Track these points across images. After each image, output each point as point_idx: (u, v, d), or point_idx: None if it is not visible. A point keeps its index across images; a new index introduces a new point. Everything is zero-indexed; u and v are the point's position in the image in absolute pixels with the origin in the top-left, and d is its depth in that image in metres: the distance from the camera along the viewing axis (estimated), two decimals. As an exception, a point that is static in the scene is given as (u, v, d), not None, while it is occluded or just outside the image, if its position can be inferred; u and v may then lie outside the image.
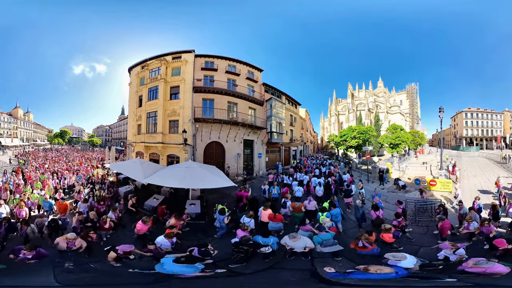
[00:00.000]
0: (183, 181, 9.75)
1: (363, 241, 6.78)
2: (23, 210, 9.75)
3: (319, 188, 12.51)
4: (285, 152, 29.39)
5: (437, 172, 20.79)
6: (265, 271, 6.13)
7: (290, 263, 6.48)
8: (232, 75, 21.11)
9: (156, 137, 18.48)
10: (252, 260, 6.32)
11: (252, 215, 7.99)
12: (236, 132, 19.32)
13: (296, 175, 16.41)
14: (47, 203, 10.94)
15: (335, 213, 8.78)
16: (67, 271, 5.86)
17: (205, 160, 17.95)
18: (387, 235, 7.36)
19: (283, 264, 6.47)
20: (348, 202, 11.51)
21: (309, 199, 9.88)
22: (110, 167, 18.13)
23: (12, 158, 34.91)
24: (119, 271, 5.88)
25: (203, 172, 10.33)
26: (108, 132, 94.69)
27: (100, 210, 9.69)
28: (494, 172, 21.86)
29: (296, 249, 6.36)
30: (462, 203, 9.80)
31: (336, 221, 8.67)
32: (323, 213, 8.68)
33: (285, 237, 6.69)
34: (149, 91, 19.75)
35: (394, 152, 40.25)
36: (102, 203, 10.22)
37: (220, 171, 12.15)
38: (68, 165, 27.40)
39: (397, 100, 70.43)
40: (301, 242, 6.37)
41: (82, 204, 10.05)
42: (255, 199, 10.15)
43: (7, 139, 57.63)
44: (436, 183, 15.50)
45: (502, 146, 57.52)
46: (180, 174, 10.20)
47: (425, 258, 6.58)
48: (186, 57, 19.33)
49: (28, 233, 7.73)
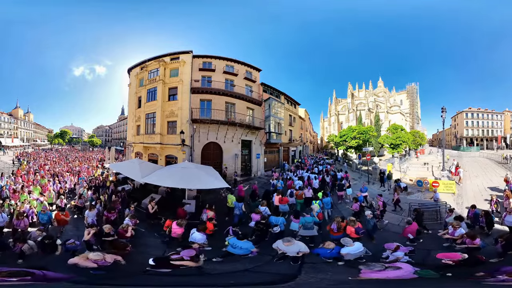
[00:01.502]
0: (179, 181, 9.88)
1: (335, 224, 7.83)
2: (22, 221, 8.39)
3: (315, 181, 14.69)
4: (284, 153, 29.19)
5: (439, 173, 20.47)
6: (240, 272, 6.08)
7: (274, 267, 6.38)
8: (230, 75, 21.08)
9: (155, 138, 18.62)
10: (231, 262, 6.64)
11: (265, 203, 9.72)
12: (233, 132, 19.29)
13: (298, 172, 18.90)
14: (44, 215, 9.05)
15: (326, 201, 10.58)
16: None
17: (203, 160, 17.96)
18: (349, 228, 7.61)
19: (263, 267, 6.37)
20: (340, 195, 13.40)
21: (308, 188, 12.24)
22: (109, 167, 18.55)
23: (14, 159, 33.19)
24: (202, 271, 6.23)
25: (198, 173, 10.41)
26: (108, 132, 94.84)
27: (111, 219, 8.96)
28: (495, 172, 21.74)
29: (289, 254, 6.23)
30: (452, 211, 9.28)
31: (327, 208, 10.56)
32: (316, 201, 10.32)
33: (279, 241, 6.50)
34: (148, 92, 19.87)
35: (394, 152, 40.12)
36: (112, 211, 9.29)
37: (216, 172, 12.16)
38: (68, 166, 27.03)
39: (397, 100, 70.29)
40: (294, 247, 6.18)
41: (90, 213, 9.18)
42: (268, 191, 12.29)
43: (8, 139, 57.79)
44: (439, 184, 14.79)
45: (503, 146, 57.45)
46: (176, 174, 10.35)
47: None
48: (184, 58, 19.35)
49: (24, 249, 6.52)
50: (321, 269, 6.23)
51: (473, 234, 6.92)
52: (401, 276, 5.36)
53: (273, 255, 6.78)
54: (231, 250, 6.77)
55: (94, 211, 9.32)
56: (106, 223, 8.49)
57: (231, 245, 6.83)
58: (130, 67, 23.67)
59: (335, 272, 6.01)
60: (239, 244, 6.74)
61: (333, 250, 6.41)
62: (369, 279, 5.52)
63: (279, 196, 10.77)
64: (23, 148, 55.27)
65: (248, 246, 6.74)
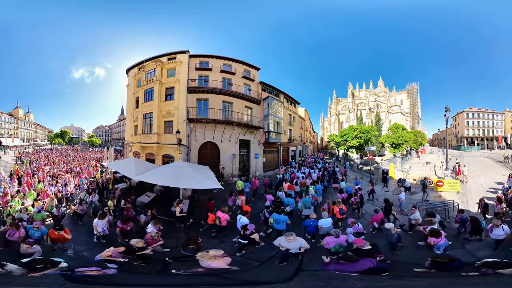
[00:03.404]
0: (170, 180, 9.81)
1: (326, 205, 9.95)
2: (17, 232, 7.01)
3: (314, 174, 17.87)
4: (283, 153, 28.72)
5: (441, 172, 20.44)
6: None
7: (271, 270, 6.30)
8: (228, 74, 20.83)
9: (152, 138, 18.59)
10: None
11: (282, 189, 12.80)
12: (231, 132, 19.05)
13: (302, 169, 21.17)
14: (36, 232, 7.19)
15: (318, 188, 13.39)
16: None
17: (200, 160, 17.79)
18: (336, 208, 9.49)
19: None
20: (335, 187, 15.49)
21: (308, 178, 15.54)
22: (107, 165, 18.96)
23: (17, 159, 31.99)
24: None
25: (191, 172, 10.29)
26: (107, 132, 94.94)
27: (126, 230, 8.13)
28: (497, 171, 21.73)
29: (292, 250, 6.23)
30: (415, 209, 9.14)
31: (319, 194, 13.13)
32: (312, 186, 13.36)
33: (280, 237, 6.61)
34: (145, 93, 19.92)
35: (396, 152, 39.82)
36: (128, 222, 8.26)
37: (211, 172, 12.04)
38: (68, 166, 26.10)
39: (397, 99, 69.97)
40: (296, 243, 6.27)
41: (100, 221, 7.95)
42: (279, 182, 15.43)
43: (8, 139, 57.91)
44: (444, 183, 15.18)
45: (503, 146, 57.50)
46: (168, 173, 10.36)
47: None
48: (181, 58, 19.23)
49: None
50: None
51: (437, 231, 7.10)
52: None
53: (275, 254, 6.75)
54: (276, 226, 8.24)
55: (105, 220, 8.14)
56: (121, 234, 7.91)
57: (276, 221, 8.25)
58: (128, 68, 23.68)
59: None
60: (281, 218, 8.22)
61: (315, 221, 8.21)
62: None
63: (287, 184, 13.72)
64: (23, 148, 55.28)
65: (286, 219, 8.27)
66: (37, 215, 8.89)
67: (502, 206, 9.31)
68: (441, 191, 14.97)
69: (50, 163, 28.75)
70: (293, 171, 20.23)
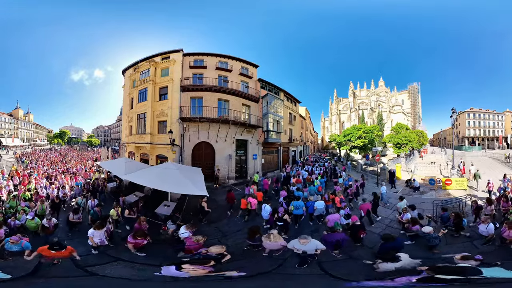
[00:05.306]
0: (155, 182, 9.49)
1: (327, 194, 11.60)
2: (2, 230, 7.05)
3: (316, 171, 19.76)
4: (283, 153, 27.45)
5: (447, 171, 21.01)
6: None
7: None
8: (224, 71, 20.11)
9: (145, 138, 18.26)
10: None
11: (294, 183, 14.85)
12: (226, 131, 18.22)
13: (306, 167, 22.19)
14: (15, 246, 6.24)
15: (321, 181, 15.48)
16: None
17: (194, 161, 17.19)
18: (337, 198, 11.04)
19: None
20: (335, 181, 16.53)
21: (313, 175, 17.76)
22: (99, 164, 19.30)
23: (18, 158, 31.42)
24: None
25: (178, 176, 9.75)
26: (107, 133, 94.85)
27: (143, 244, 7.14)
28: (500, 170, 22.08)
29: (308, 252, 6.21)
30: (407, 209, 9.38)
31: (322, 186, 14.61)
32: (316, 180, 15.50)
33: (293, 241, 6.45)
34: (139, 93, 19.66)
35: (400, 152, 39.00)
36: (141, 237, 7.10)
37: (201, 176, 11.51)
38: (65, 166, 25.71)
39: (398, 99, 69.21)
40: (311, 245, 6.24)
41: (96, 232, 7.02)
42: (286, 178, 17.06)
43: (8, 139, 57.90)
44: (452, 182, 16.07)
45: (504, 146, 57.84)
46: (155, 175, 10.10)
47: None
48: (175, 56, 18.76)
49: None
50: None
51: (415, 219, 8.24)
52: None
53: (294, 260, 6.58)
54: (295, 212, 9.53)
55: (103, 230, 7.25)
56: (136, 249, 7.09)
57: (295, 207, 9.52)
58: (124, 69, 23.33)
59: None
60: (299, 204, 9.58)
61: (313, 202, 10.03)
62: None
63: (295, 179, 16.07)
64: (23, 148, 55.11)
65: (302, 205, 9.69)
66: (30, 221, 8.02)
67: (492, 208, 9.60)
68: (450, 189, 15.71)
69: (48, 163, 28.41)
70: (298, 168, 21.81)
